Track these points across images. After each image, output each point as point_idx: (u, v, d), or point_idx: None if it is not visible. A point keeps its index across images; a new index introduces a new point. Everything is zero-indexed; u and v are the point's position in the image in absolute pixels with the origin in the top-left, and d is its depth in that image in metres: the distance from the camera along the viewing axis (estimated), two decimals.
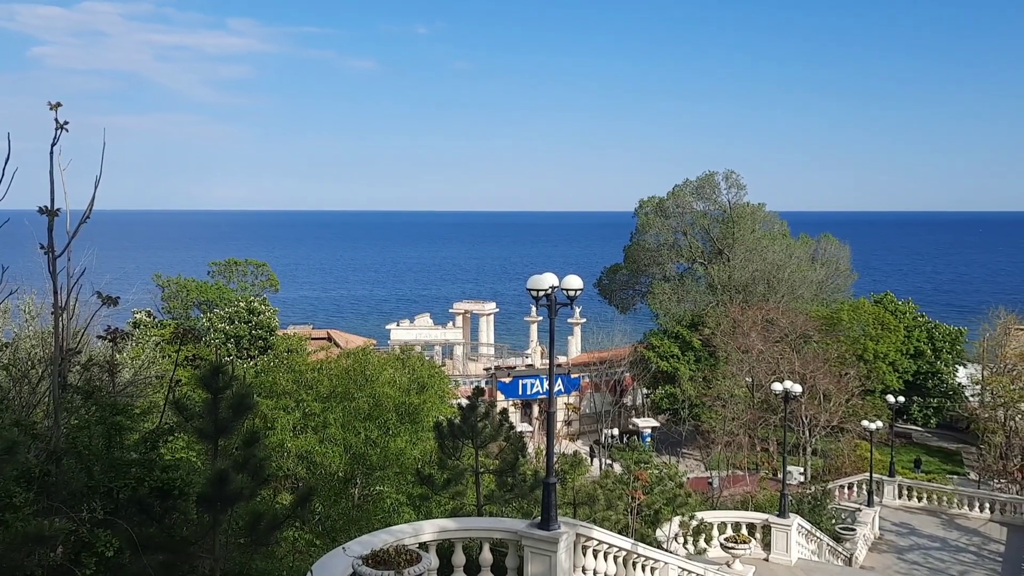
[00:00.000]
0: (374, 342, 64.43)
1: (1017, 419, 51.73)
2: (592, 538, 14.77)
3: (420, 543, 12.67)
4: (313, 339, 61.96)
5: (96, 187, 10.16)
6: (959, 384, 67.02)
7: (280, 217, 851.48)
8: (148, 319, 55.66)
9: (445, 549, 13.29)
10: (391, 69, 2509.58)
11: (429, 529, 13.06)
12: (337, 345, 59.67)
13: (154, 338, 30.65)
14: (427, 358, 40.16)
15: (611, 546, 15.42)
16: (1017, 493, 46.99)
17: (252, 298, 59.16)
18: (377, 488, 20.05)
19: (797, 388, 30.19)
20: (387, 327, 75.23)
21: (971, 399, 65.05)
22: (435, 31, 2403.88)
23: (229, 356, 51.29)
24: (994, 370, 57.97)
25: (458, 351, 73.03)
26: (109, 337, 12.67)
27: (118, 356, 15.96)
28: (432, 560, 12.44)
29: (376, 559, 10.58)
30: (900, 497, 42.53)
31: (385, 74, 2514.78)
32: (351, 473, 20.05)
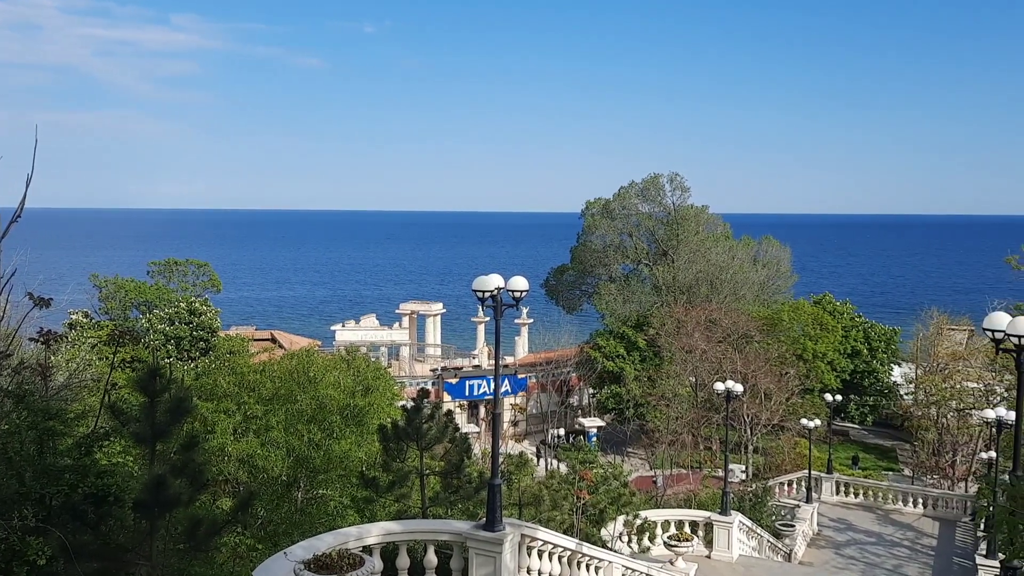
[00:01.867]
0: (319, 343, 63.77)
1: (949, 416, 53.33)
2: (537, 538, 14.82)
3: (364, 546, 12.58)
4: (256, 340, 61.05)
5: (28, 185, 9.89)
6: (894, 383, 68.92)
7: (223, 216, 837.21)
8: (85, 320, 54.20)
9: (390, 552, 13.21)
10: (339, 67, 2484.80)
11: (374, 532, 12.97)
12: (281, 346, 58.88)
13: (90, 340, 29.85)
14: (373, 359, 39.88)
15: (556, 546, 15.49)
16: (949, 488, 48.50)
17: (193, 299, 57.99)
18: (321, 491, 19.83)
19: (738, 388, 30.77)
20: (332, 328, 74.58)
21: (905, 397, 66.95)
22: (383, 30, 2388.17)
23: (169, 358, 50.21)
24: (927, 369, 59.70)
25: (404, 352, 72.67)
26: (42, 339, 12.33)
27: (51, 358, 15.51)
28: (376, 563, 12.37)
29: (318, 563, 10.46)
30: (838, 493, 43.50)
31: (333, 72, 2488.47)
32: (294, 476, 19.78)
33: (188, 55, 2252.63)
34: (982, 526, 32.33)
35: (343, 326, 73.28)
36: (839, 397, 50.38)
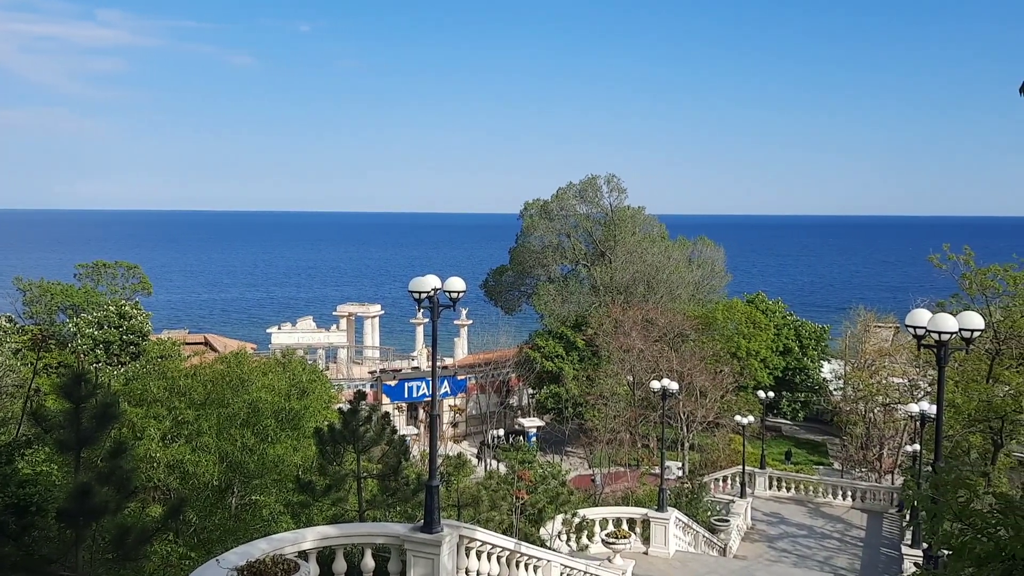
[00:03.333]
0: (254, 346, 62.74)
1: (875, 411, 54.87)
2: (475, 539, 14.82)
3: (300, 551, 12.41)
4: (188, 344, 59.67)
5: None
6: (824, 379, 70.74)
7: (154, 217, 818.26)
8: (8, 325, 52.32)
9: (326, 557, 13.06)
10: (273, 66, 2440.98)
11: (310, 537, 12.81)
12: (215, 350, 57.71)
13: (12, 344, 28.81)
14: (310, 362, 39.35)
15: (495, 546, 15.51)
16: (876, 481, 49.98)
17: (123, 302, 56.47)
18: (255, 497, 19.46)
19: (674, 386, 31.27)
20: (268, 330, 73.58)
21: (834, 393, 68.78)
22: (318, 29, 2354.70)
23: (98, 363, 48.80)
24: (855, 365, 61.31)
25: (342, 354, 72.02)
26: None
27: None
28: (312, 569, 12.21)
29: (252, 570, 10.29)
30: (771, 488, 44.48)
31: (267, 71, 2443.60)
32: (228, 482, 19.38)
33: (116, 52, 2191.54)
34: (907, 517, 33.42)
35: (279, 328, 72.31)
36: (772, 394, 51.48)
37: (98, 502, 9.21)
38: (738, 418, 44.60)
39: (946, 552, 6.75)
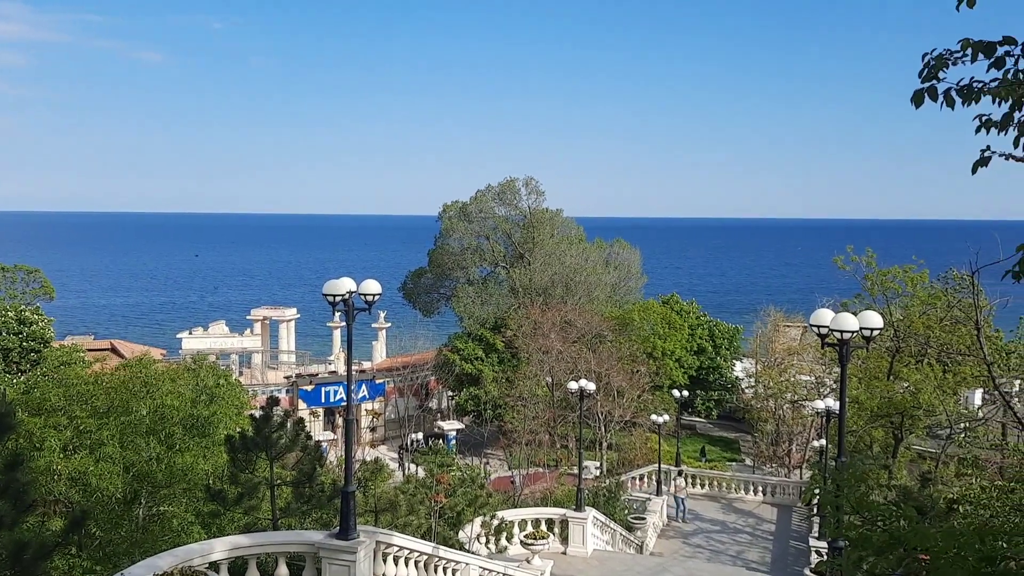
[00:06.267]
0: (163, 352, 60.89)
1: (785, 408, 56.61)
2: (393, 544, 14.71)
3: (210, 563, 12.09)
4: (93, 350, 57.38)
5: None
6: (736, 378, 72.61)
7: (56, 218, 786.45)
8: None
9: (238, 567, 12.76)
10: (184, 63, 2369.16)
11: (220, 547, 12.48)
12: (121, 356, 55.70)
13: None
14: (223, 368, 38.32)
15: (412, 551, 15.43)
16: (786, 476, 51.55)
17: (23, 307, 53.97)
18: (164, 507, 18.84)
19: (591, 386, 31.63)
20: (179, 335, 71.50)
21: (746, 391, 70.69)
22: (231, 26, 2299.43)
23: None
24: (765, 364, 63.14)
25: (257, 359, 70.51)
26: None
27: None
28: None
29: None
30: (686, 485, 45.37)
31: (177, 68, 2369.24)
32: (134, 493, 18.70)
33: (16, 46, 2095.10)
34: (815, 510, 34.58)
35: (190, 333, 70.36)
36: (687, 393, 52.49)
37: None
38: (654, 417, 45.36)
39: (847, 543, 7.01)
